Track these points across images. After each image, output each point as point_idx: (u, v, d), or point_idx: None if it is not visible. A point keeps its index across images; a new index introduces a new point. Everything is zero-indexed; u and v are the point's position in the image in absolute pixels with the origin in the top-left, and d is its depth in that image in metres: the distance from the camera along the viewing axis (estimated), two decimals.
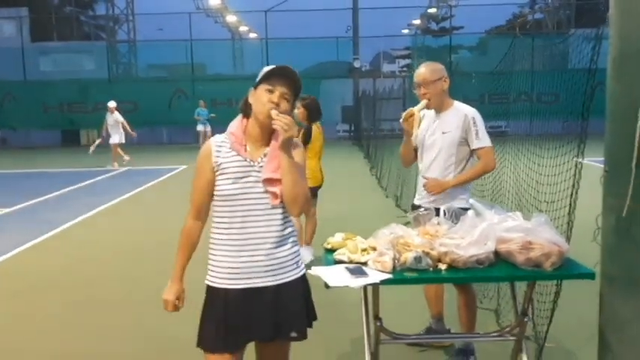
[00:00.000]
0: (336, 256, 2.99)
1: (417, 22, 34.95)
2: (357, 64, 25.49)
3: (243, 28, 34.21)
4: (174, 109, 25.38)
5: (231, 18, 32.61)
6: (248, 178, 2.42)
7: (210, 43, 28.88)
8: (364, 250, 3.04)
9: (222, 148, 2.47)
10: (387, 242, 2.91)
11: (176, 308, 2.56)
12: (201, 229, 2.54)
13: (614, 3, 2.70)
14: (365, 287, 2.90)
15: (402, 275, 2.78)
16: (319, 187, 6.30)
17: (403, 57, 37.88)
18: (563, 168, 3.78)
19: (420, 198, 3.83)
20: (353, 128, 25.72)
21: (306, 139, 5.99)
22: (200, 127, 21.28)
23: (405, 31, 36.60)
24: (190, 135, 22.56)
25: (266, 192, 2.42)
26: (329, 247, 3.19)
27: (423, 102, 3.68)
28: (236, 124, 2.51)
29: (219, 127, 2.79)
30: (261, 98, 2.39)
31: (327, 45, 27.49)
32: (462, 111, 3.68)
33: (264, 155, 2.45)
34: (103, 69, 26.47)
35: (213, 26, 34.32)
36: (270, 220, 2.44)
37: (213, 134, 4.06)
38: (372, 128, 17.35)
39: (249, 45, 32.58)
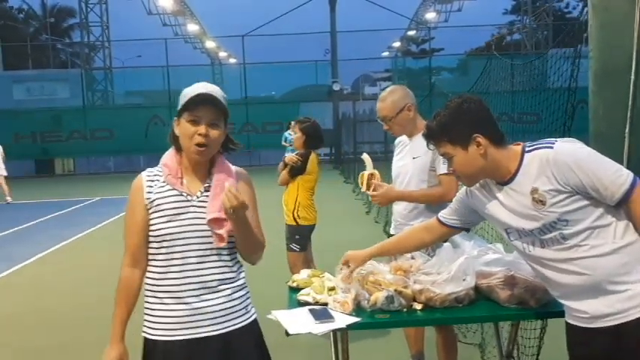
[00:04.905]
0: (300, 297, 2.70)
1: (397, 44, 35.11)
2: (336, 87, 25.35)
3: (222, 54, 34.06)
4: (152, 136, 25.00)
5: (210, 44, 32.47)
6: (186, 215, 2.11)
7: (188, 69, 28.62)
8: (331, 289, 2.75)
9: (154, 182, 2.17)
10: (355, 280, 2.63)
11: None
12: (140, 278, 2.20)
13: (592, 16, 2.51)
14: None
15: (372, 318, 2.48)
16: (311, 227, 5.16)
17: (384, 79, 38.02)
18: None
19: (395, 227, 3.56)
20: (333, 152, 25.55)
21: (301, 169, 5.01)
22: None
23: (385, 54, 36.77)
24: None
25: (210, 232, 2.11)
26: (294, 285, 2.89)
27: (368, 161, 3.50)
28: (170, 154, 2.21)
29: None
30: (187, 131, 2.09)
31: (305, 69, 27.45)
32: None
33: (205, 189, 2.15)
34: (78, 97, 26.10)
35: (192, 52, 34.26)
36: (213, 261, 2.14)
37: None
38: (352, 151, 17.16)
39: (228, 70, 32.43)
